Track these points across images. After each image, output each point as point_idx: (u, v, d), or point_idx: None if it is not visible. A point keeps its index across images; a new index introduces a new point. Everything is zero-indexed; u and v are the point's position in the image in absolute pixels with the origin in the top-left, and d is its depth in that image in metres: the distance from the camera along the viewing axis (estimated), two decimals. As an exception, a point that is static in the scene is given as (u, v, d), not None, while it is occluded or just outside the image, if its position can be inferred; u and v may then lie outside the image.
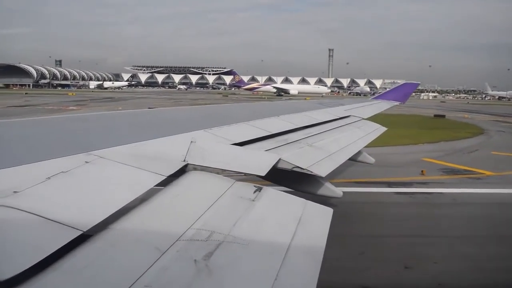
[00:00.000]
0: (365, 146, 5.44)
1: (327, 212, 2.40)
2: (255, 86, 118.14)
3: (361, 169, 12.23)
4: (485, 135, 23.85)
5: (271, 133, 4.01)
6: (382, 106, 10.18)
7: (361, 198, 9.99)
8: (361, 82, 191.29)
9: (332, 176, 11.64)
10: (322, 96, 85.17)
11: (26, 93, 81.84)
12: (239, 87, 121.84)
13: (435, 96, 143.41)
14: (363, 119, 7.22)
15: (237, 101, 56.62)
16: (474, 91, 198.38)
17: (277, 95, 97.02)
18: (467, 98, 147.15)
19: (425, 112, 46.66)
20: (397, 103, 11.66)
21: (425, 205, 9.73)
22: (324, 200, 3.25)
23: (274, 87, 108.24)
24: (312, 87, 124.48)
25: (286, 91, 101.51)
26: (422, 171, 12.60)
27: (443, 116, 39.14)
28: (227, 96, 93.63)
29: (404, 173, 12.77)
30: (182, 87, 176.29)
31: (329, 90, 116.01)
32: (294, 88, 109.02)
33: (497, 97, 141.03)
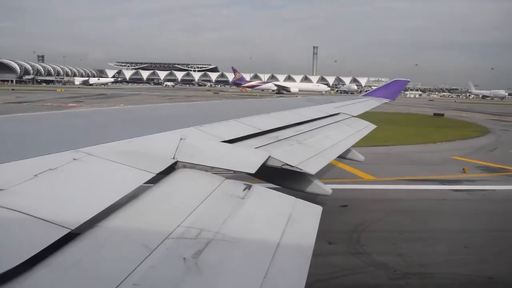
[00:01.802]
0: (388, 145, 5.42)
1: (317, 210, 2.41)
2: (255, 84, 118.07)
3: (404, 167, 13.47)
4: (492, 134, 24.58)
5: (261, 130, 4.01)
6: (371, 103, 10.21)
7: (425, 196, 10.47)
8: (347, 80, 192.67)
9: (385, 175, 12.06)
10: (322, 94, 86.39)
11: (12, 89, 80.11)
12: (239, 84, 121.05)
13: (420, 95, 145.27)
14: (353, 116, 7.25)
15: (230, 98, 56.98)
16: (456, 89, 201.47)
17: (277, 93, 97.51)
18: (452, 97, 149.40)
19: (421, 110, 47.62)
20: (386, 100, 11.69)
21: (490, 201, 10.19)
22: (312, 198, 3.28)
23: (275, 85, 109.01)
24: (312, 85, 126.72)
25: (287, 89, 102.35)
26: (463, 169, 13.09)
27: (442, 114, 39.96)
28: (218, 93, 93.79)
29: (445, 171, 13.29)
30: (170, 83, 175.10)
31: (329, 89, 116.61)
32: (294, 86, 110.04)
33: (481, 95, 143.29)
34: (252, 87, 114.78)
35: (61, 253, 1.40)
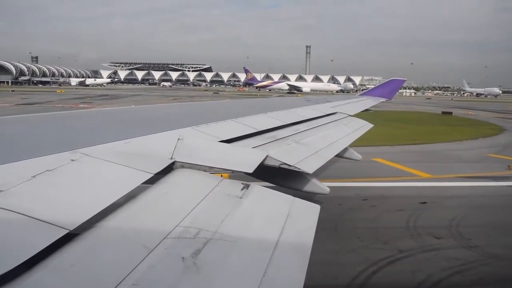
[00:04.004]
0: (418, 143, 5.51)
1: (315, 209, 2.42)
2: (267, 84, 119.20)
3: (451, 165, 14.24)
4: (509, 132, 25.27)
5: (258, 130, 4.01)
6: (368, 102, 10.21)
7: (489, 192, 11.04)
8: (341, 79, 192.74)
9: (439, 172, 12.78)
10: (332, 94, 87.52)
11: (12, 91, 79.48)
12: (251, 84, 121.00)
13: (415, 93, 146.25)
14: (350, 115, 7.26)
15: (230, 98, 57.36)
16: (448, 87, 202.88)
17: (288, 93, 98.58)
18: (446, 95, 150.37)
19: (425, 109, 48.90)
20: (383, 99, 11.71)
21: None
22: (310, 196, 3.30)
23: (288, 85, 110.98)
24: (323, 85, 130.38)
25: (299, 89, 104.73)
26: (509, 166, 13.63)
27: (450, 113, 40.46)
28: (218, 92, 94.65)
29: (491, 168, 13.86)
30: (167, 84, 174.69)
31: (339, 88, 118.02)
32: (306, 86, 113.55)
33: (475, 93, 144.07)
34: (264, 87, 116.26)
35: (59, 254, 1.40)
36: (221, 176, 3.17)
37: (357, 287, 5.62)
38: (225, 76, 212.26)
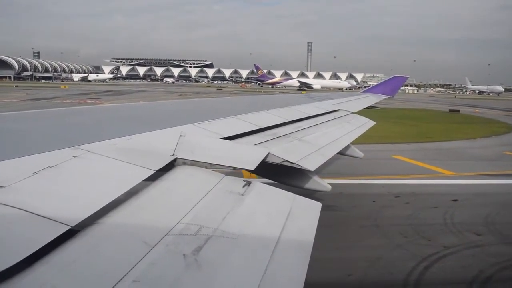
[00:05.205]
0: (434, 141, 5.51)
1: (316, 206, 2.42)
2: (278, 81, 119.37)
3: (471, 163, 14.48)
4: None
5: (260, 127, 4.01)
6: (371, 100, 10.16)
7: None
8: (343, 76, 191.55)
9: (461, 170, 12.95)
10: (342, 91, 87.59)
11: (16, 86, 79.52)
12: (261, 81, 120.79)
13: (417, 90, 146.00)
14: (352, 113, 7.24)
15: (234, 94, 57.38)
16: (450, 85, 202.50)
17: (298, 90, 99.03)
18: (449, 93, 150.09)
19: (432, 106, 48.99)
20: (386, 96, 11.68)
21: None
22: (310, 194, 3.29)
23: (298, 81, 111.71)
24: (333, 81, 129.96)
25: (309, 86, 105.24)
26: None
27: (458, 110, 40.33)
28: (221, 89, 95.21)
29: (510, 166, 14.00)
30: (170, 80, 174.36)
31: (349, 85, 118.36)
32: (317, 82, 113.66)
33: (477, 91, 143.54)
34: (274, 83, 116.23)
35: (61, 250, 1.41)
36: (250, 175, 3.18)
37: (413, 282, 5.81)
38: (227, 73, 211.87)
